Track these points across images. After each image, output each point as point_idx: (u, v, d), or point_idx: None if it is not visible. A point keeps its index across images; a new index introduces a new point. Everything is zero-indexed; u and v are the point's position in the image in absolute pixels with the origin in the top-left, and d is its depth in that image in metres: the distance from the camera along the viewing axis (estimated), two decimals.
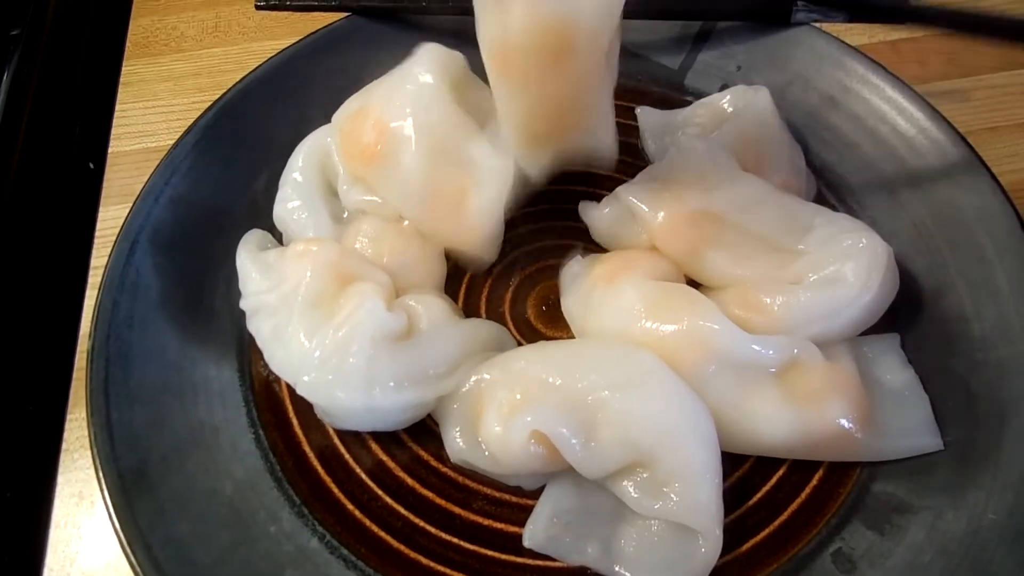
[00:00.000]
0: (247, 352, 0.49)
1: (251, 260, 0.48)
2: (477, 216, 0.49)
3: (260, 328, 0.46)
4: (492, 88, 0.44)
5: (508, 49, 0.42)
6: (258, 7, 0.60)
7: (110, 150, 0.61)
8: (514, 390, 0.42)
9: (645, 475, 0.42)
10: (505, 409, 0.42)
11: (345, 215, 0.53)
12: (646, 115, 0.57)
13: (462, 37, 0.60)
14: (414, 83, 0.49)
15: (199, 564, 0.40)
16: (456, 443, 0.44)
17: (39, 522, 0.46)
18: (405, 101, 0.49)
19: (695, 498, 0.40)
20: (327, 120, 0.54)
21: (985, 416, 0.43)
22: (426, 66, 0.50)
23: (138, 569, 0.39)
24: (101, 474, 0.41)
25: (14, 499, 0.50)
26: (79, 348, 0.51)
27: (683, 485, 0.40)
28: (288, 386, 0.47)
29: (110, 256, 0.48)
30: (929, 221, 0.51)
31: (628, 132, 0.57)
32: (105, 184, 0.60)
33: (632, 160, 0.56)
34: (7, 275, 0.57)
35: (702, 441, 0.41)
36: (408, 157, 0.48)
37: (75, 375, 0.50)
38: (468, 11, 0.59)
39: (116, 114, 0.64)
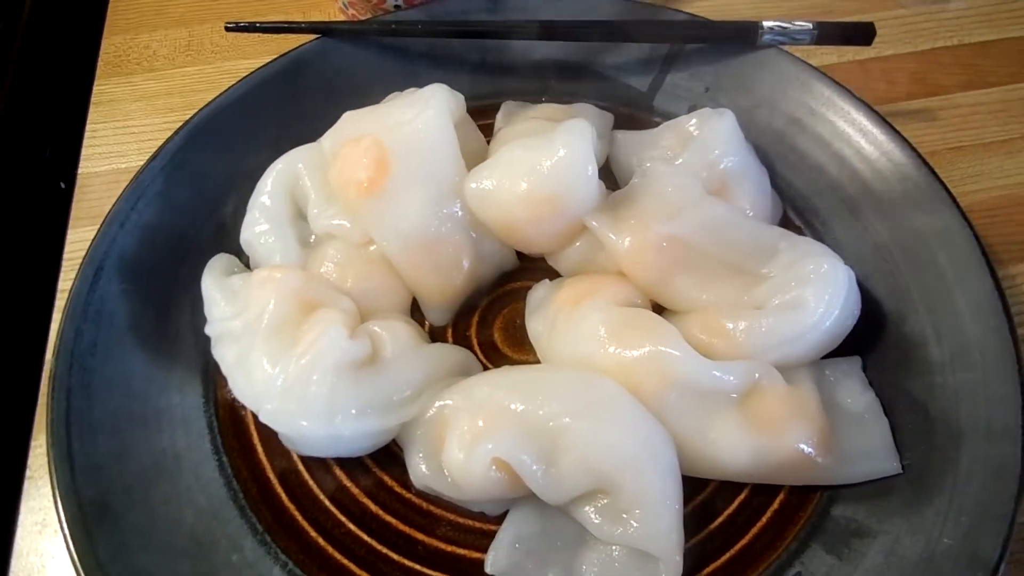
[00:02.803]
0: (212, 377, 0.49)
1: (216, 286, 0.48)
2: (463, 289, 0.51)
3: (224, 355, 0.46)
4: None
5: None
6: (228, 29, 0.60)
7: (80, 171, 0.61)
8: (476, 417, 0.42)
9: (606, 501, 0.42)
10: (467, 436, 0.42)
11: (312, 239, 0.53)
12: (615, 137, 0.58)
13: (430, 60, 0.61)
14: (426, 126, 0.49)
15: None
16: (419, 469, 0.44)
17: (1, 551, 0.45)
18: (415, 143, 0.49)
19: (655, 525, 0.40)
20: (296, 143, 0.54)
21: (942, 440, 0.44)
22: (439, 110, 0.49)
23: None
24: (61, 507, 0.40)
25: None
26: (44, 374, 0.51)
27: (643, 512, 0.41)
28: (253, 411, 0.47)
29: (74, 283, 0.47)
30: (892, 244, 0.51)
31: None
32: (74, 206, 0.60)
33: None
34: None
35: (662, 468, 0.41)
36: (410, 201, 0.48)
37: (40, 400, 0.50)
38: (436, 34, 0.60)
39: (87, 134, 0.64)
